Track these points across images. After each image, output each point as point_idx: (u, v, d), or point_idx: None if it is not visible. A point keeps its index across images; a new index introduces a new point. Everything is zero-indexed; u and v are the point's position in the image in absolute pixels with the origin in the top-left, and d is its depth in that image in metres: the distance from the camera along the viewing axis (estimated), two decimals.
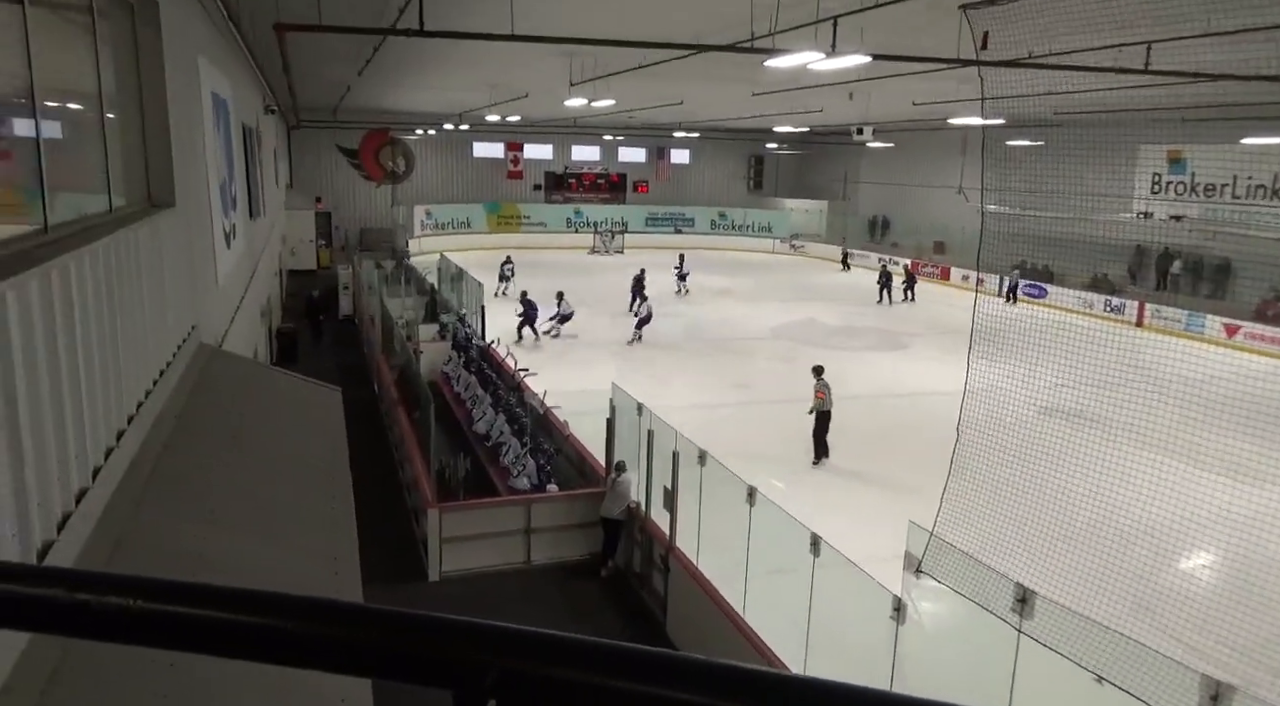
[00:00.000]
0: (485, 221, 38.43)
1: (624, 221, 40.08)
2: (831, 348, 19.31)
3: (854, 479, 11.95)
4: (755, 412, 14.66)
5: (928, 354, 19.32)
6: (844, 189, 41.10)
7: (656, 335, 20.55)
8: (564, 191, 41.08)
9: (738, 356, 18.72)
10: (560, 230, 39.23)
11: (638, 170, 42.29)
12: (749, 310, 24.20)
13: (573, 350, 18.74)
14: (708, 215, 41.40)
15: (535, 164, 40.42)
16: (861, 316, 23.76)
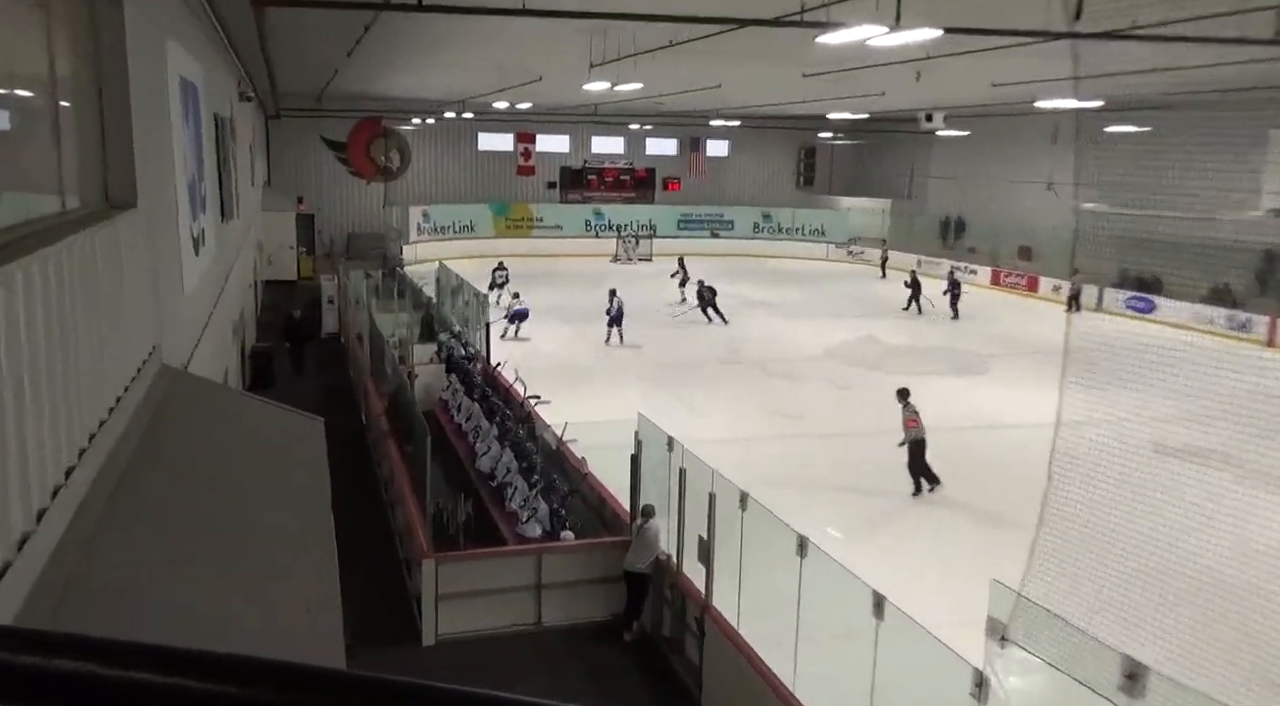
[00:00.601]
0: (491, 225, 38.86)
1: (652, 225, 40.32)
2: (895, 371, 19.21)
3: (925, 528, 11.82)
4: (805, 448, 14.59)
5: (1010, 378, 19.18)
6: (910, 185, 41.00)
7: (687, 356, 20.64)
8: (582, 190, 41.43)
9: (784, 381, 18.70)
10: (578, 234, 39.56)
11: (668, 165, 42.57)
12: (797, 327, 24.17)
13: (591, 375, 18.82)
14: (750, 217, 41.51)
15: (549, 158, 40.86)
16: (929, 334, 23.69)
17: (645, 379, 18.52)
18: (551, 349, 20.98)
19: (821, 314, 26.19)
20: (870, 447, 14.21)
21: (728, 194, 43.04)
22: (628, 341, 21.70)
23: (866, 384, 18.27)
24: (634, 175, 42.00)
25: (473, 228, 38.29)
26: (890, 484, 13.05)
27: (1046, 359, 17.99)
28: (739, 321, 24.81)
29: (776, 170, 43.92)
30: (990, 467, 13.81)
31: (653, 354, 20.81)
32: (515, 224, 39.37)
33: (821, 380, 18.80)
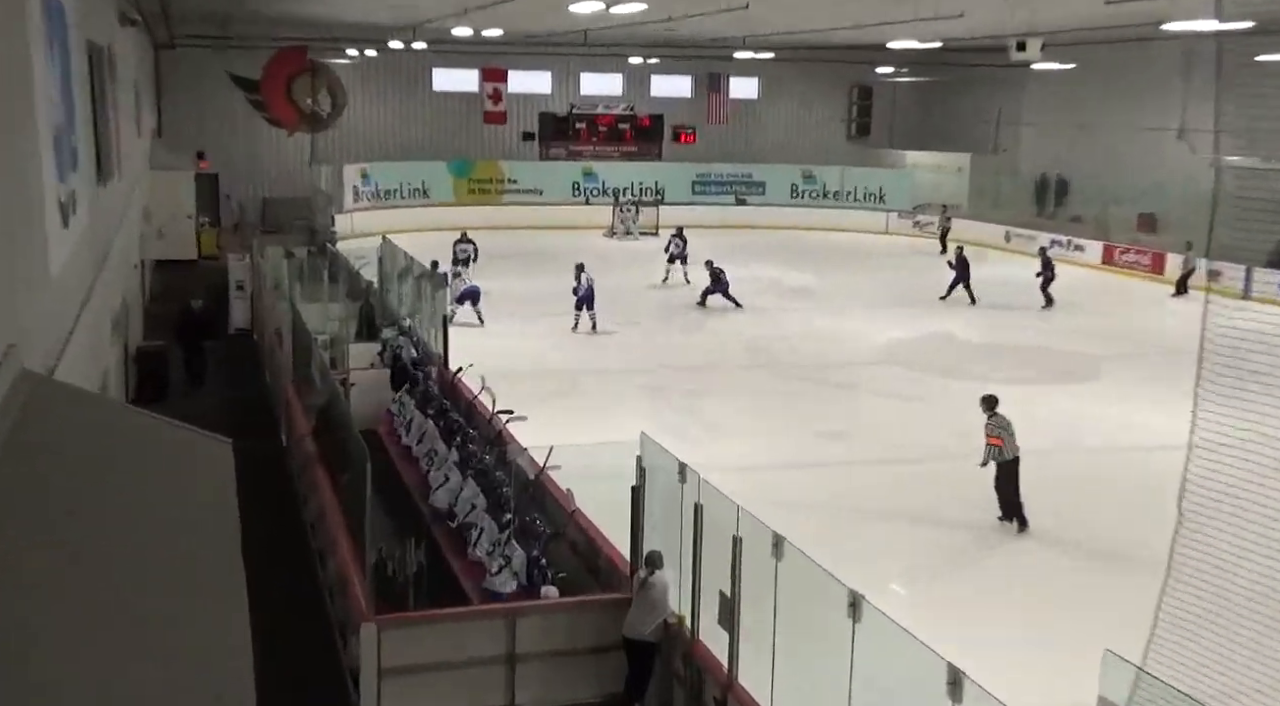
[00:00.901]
0: (451, 188, 38.95)
1: (659, 188, 40.44)
2: (975, 378, 19.19)
3: (1016, 578, 11.84)
4: (856, 477, 14.62)
5: (1127, 386, 19.23)
6: (995, 136, 41.06)
7: (704, 359, 20.75)
8: (569, 143, 41.52)
9: (828, 391, 18.75)
10: (563, 200, 39.66)
11: (680, 110, 42.66)
12: (846, 321, 24.20)
13: (580, 382, 18.86)
14: (786, 177, 41.62)
15: (526, 102, 40.98)
16: (1022, 330, 23.71)
17: (649, 388, 18.56)
18: (529, 349, 21.04)
19: (879, 303, 26.23)
20: (941, 477, 14.22)
21: (758, 148, 43.14)
22: (604, 328, 22.27)
23: (937, 394, 18.30)
24: (635, 124, 42.10)
25: (426, 192, 38.38)
26: (967, 519, 13.06)
27: (1175, 361, 17.94)
28: (771, 313, 24.86)
29: (821, 117, 44.04)
30: (1100, 500, 13.82)
31: (659, 355, 20.88)
32: (481, 187, 39.45)
33: (878, 389, 18.81)
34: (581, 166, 40.68)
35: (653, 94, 42.33)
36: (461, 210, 37.08)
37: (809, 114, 43.90)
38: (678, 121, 42.57)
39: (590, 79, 41.44)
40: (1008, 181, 38.92)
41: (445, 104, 39.96)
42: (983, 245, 35.41)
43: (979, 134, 41.60)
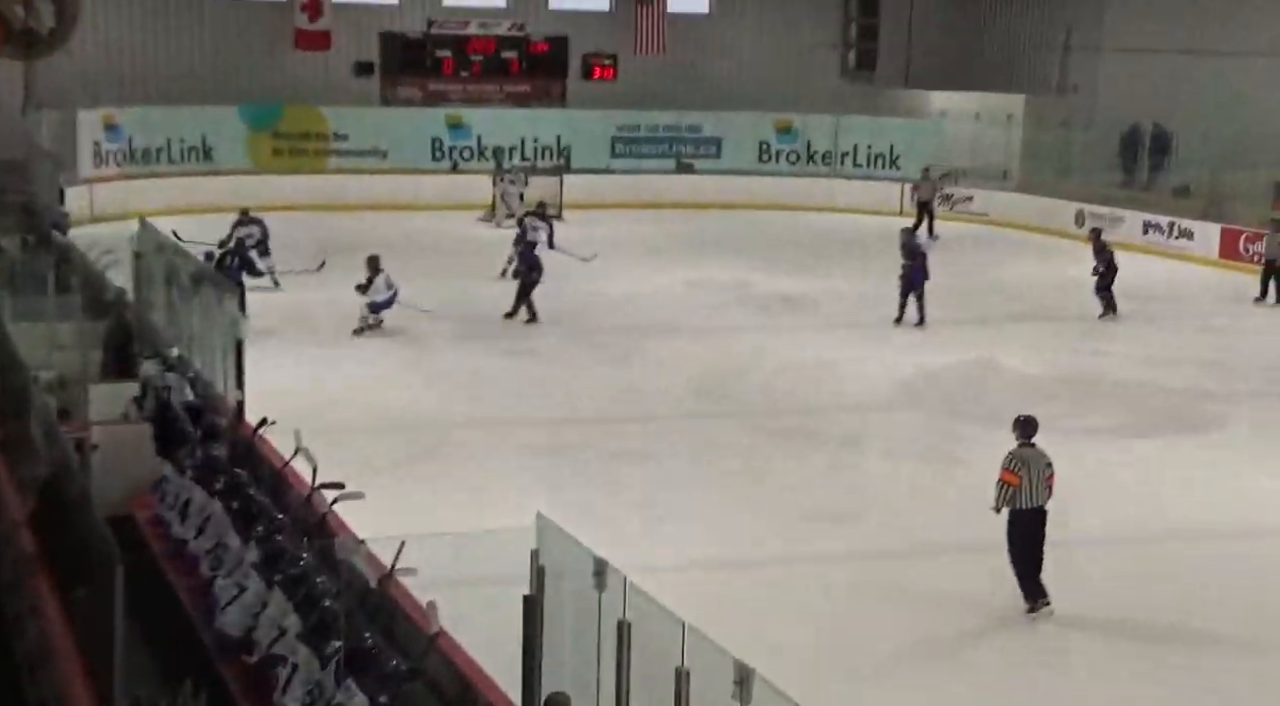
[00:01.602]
0: (245, 147, 38.92)
1: (562, 148, 40.66)
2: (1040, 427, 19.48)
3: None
4: (861, 582, 14.63)
5: (1263, 440, 19.43)
6: (1061, 69, 41.69)
7: (629, 402, 20.75)
8: (426, 79, 41.53)
9: (818, 450, 18.73)
10: (418, 166, 39.86)
11: (594, 30, 42.94)
12: (846, 343, 24.31)
13: (445, 439, 18.77)
14: (752, 131, 42.11)
15: (360, 16, 40.89)
16: (1099, 356, 23.99)
17: (552, 448, 18.47)
18: (369, 390, 20.95)
19: (886, 317, 26.44)
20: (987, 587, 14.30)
21: (710, 89, 43.45)
22: (483, 359, 22.39)
23: (981, 454, 18.32)
24: (527, 51, 42.24)
25: (208, 153, 38.28)
26: (1030, 650, 13.18)
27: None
28: (732, 336, 24.99)
29: (804, 42, 44.52)
30: (1230, 608, 13.93)
31: (567, 398, 20.84)
32: (293, 146, 39.40)
33: (893, 447, 18.89)
34: (445, 115, 40.85)
35: (552, 6, 42.60)
36: (262, 180, 36.94)
37: (786, 37, 44.36)
38: (590, 48, 42.83)
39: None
40: (1080, 136, 39.51)
41: (235, 18, 39.80)
42: (1038, 231, 36.01)
43: (1038, 66, 42.28)
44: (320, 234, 30.53)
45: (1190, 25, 37.00)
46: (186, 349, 17.78)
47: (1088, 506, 16.45)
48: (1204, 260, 32.47)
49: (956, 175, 39.85)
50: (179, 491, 14.52)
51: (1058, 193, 36.96)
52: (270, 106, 39.42)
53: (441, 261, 30.25)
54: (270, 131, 39.18)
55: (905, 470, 18.03)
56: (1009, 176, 39.54)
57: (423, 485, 16.48)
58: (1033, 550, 13.36)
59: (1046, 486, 13.33)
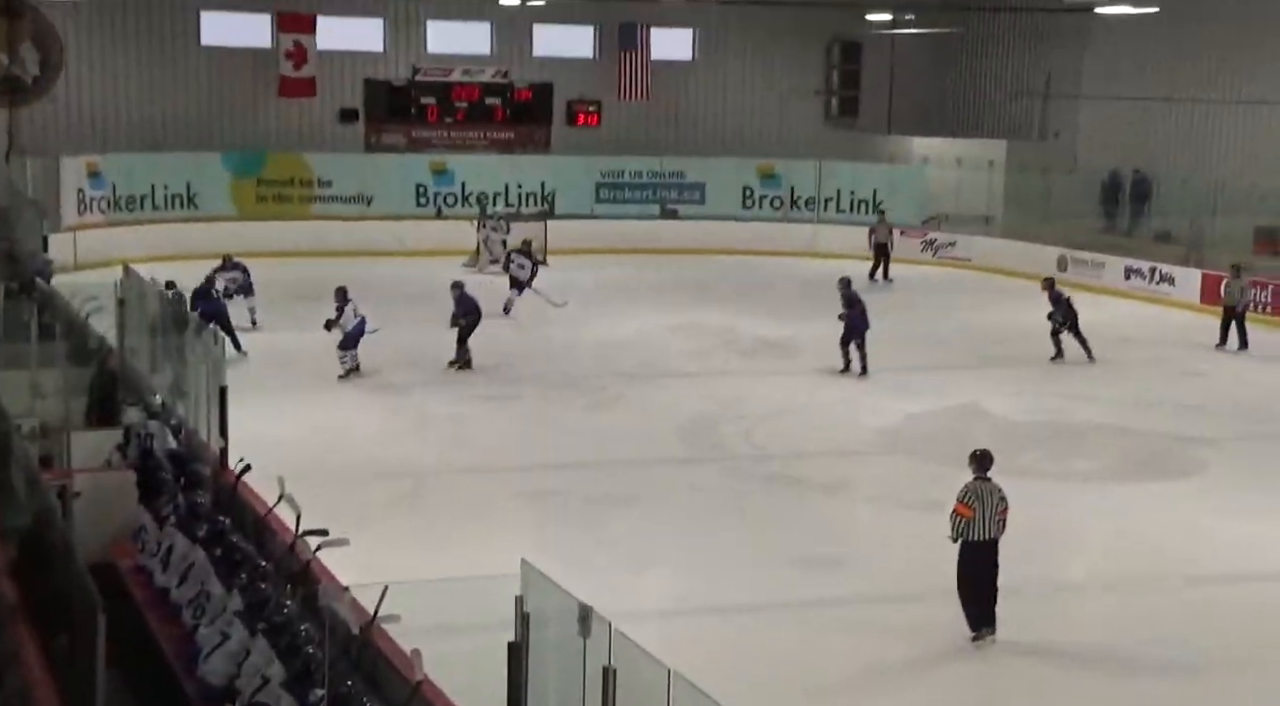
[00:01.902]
0: (229, 194, 38.88)
1: (547, 194, 40.79)
2: (1021, 472, 19.34)
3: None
4: (851, 629, 14.64)
5: (1242, 486, 19.45)
6: (1042, 115, 41.94)
7: (614, 447, 20.77)
8: (410, 126, 41.63)
9: (806, 497, 18.77)
10: (403, 212, 39.88)
11: (578, 77, 43.09)
12: (831, 390, 24.43)
13: (427, 483, 18.77)
14: (736, 176, 42.24)
15: (344, 63, 41.07)
16: (1083, 401, 24.09)
17: (536, 494, 18.48)
18: (354, 435, 20.98)
19: (879, 364, 26.41)
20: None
21: (693, 135, 43.72)
22: (459, 403, 22.64)
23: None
24: (511, 98, 42.36)
25: (192, 200, 38.23)
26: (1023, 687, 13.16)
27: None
28: (719, 381, 25.06)
29: (787, 88, 44.75)
30: (1209, 651, 13.94)
31: (551, 444, 20.83)
32: (277, 193, 39.40)
33: (881, 494, 18.93)
34: (429, 161, 40.87)
35: (536, 53, 42.74)
36: (245, 226, 36.95)
37: (769, 84, 44.58)
38: (574, 94, 42.98)
39: (442, 30, 41.81)
40: (1062, 181, 39.64)
41: (221, 66, 39.85)
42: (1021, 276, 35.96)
43: (1019, 112, 42.52)
44: (304, 281, 30.48)
45: (1168, 73, 37.25)
46: (170, 396, 17.77)
47: (1068, 551, 16.54)
48: (1186, 305, 32.56)
49: (939, 220, 40.02)
50: (161, 539, 14.49)
51: (1040, 238, 36.99)
52: (254, 153, 39.41)
53: (426, 308, 30.18)
54: (254, 178, 39.10)
55: (890, 515, 18.05)
56: (992, 222, 39.65)
57: (406, 531, 16.47)
58: (984, 580, 13.59)
59: (999, 520, 13.62)
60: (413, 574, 11.70)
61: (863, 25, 43.13)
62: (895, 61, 44.86)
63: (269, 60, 39.91)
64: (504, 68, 42.14)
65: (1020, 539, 15.99)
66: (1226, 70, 35.83)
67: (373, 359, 24.51)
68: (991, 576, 13.61)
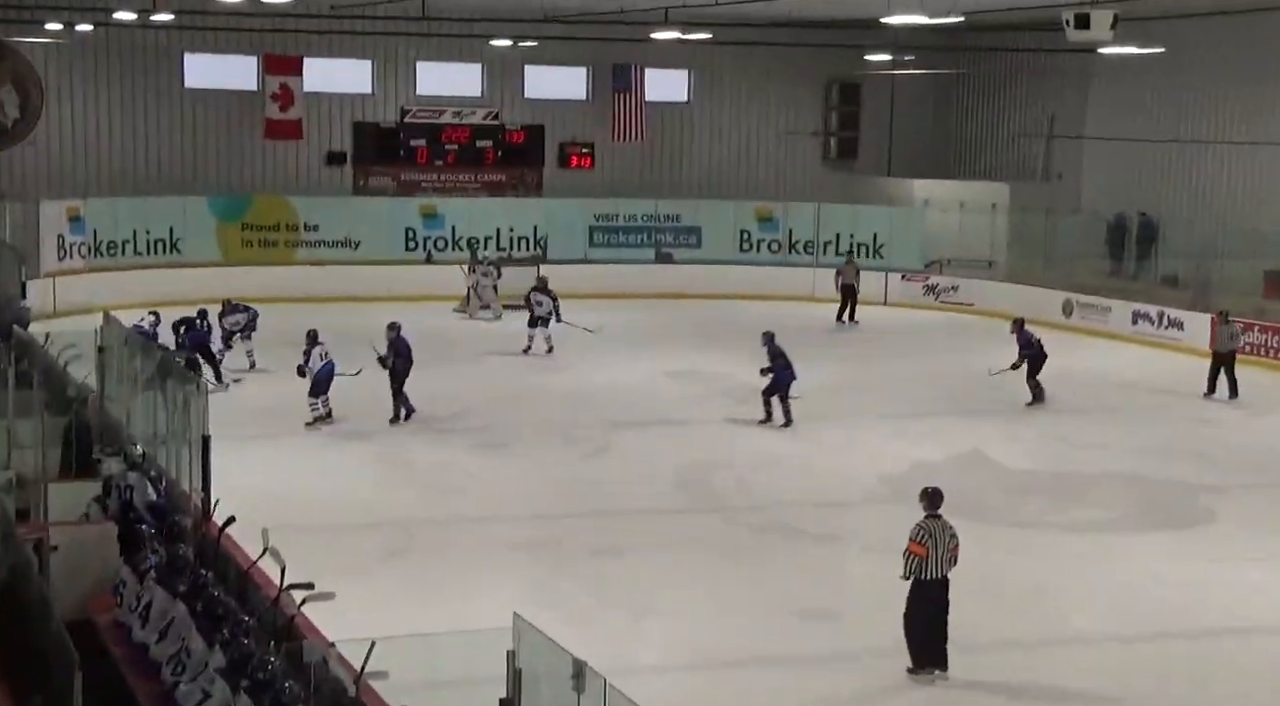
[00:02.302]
0: (215, 239, 38.91)
1: (539, 238, 40.85)
2: (1027, 523, 19.43)
3: None
4: (853, 684, 14.60)
5: (1254, 535, 19.46)
6: (1045, 157, 42.05)
7: (609, 497, 20.79)
8: (399, 169, 41.76)
9: (806, 547, 18.78)
10: (391, 257, 39.90)
11: (571, 119, 43.29)
12: (827, 437, 24.43)
13: (421, 538, 18.69)
14: (732, 220, 42.29)
15: (331, 106, 41.23)
16: (1090, 448, 24.07)
17: (530, 545, 18.41)
18: (339, 485, 20.95)
19: (880, 411, 26.54)
20: (987, 683, 14.27)
21: (688, 177, 43.88)
22: (454, 450, 22.68)
23: (972, 551, 18.35)
24: (502, 140, 42.51)
25: (175, 245, 38.23)
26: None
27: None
28: (716, 429, 25.05)
29: (785, 129, 44.93)
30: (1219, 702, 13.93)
31: (546, 494, 20.82)
32: (263, 238, 39.38)
33: (883, 544, 18.65)
34: (419, 205, 40.89)
35: (528, 94, 42.90)
36: (231, 272, 36.88)
37: (766, 125, 44.77)
38: (567, 136, 43.15)
39: (432, 71, 41.95)
40: (1066, 224, 39.69)
41: (205, 109, 39.97)
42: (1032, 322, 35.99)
43: (1021, 154, 42.63)
44: (290, 328, 30.34)
45: (1173, 113, 37.36)
46: (151, 446, 17.70)
47: (1072, 602, 16.45)
48: (1194, 350, 32.41)
49: (941, 264, 40.03)
50: (141, 594, 14.39)
51: (1044, 282, 37.01)
52: (239, 197, 39.46)
53: (416, 355, 30.17)
54: (239, 223, 39.05)
55: (889, 566, 17.85)
56: (994, 265, 39.69)
57: (395, 584, 16.41)
58: (936, 618, 13.94)
59: (951, 557, 13.98)
60: (401, 628, 11.63)
61: (861, 65, 43.03)
62: (895, 102, 45.03)
63: (255, 102, 40.02)
64: (495, 109, 42.27)
65: (1023, 590, 15.93)
66: (1232, 111, 35.91)
67: (363, 406, 24.47)
68: (943, 614, 13.97)
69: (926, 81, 44.11)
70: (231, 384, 26.82)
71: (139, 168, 39.20)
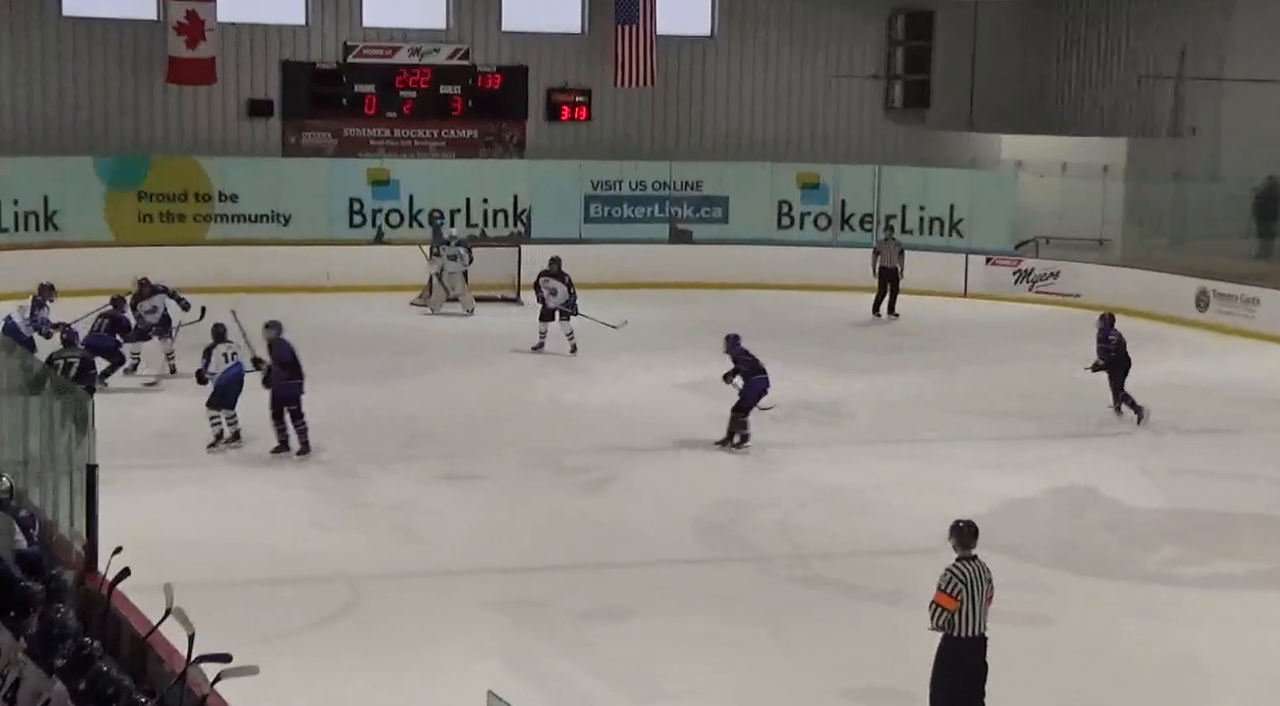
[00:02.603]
0: (102, 211, 39.17)
1: (521, 209, 41.08)
2: (1149, 577, 19.41)
3: None
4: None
5: None
6: (1174, 106, 41.95)
7: (610, 546, 20.81)
8: (341, 122, 41.93)
9: (863, 609, 18.76)
10: (332, 237, 40.17)
11: (561, 58, 43.47)
12: (895, 468, 24.39)
13: (370, 596, 18.68)
14: (770, 187, 42.39)
15: (250, 40, 41.36)
16: (1236, 482, 23.96)
17: (508, 605, 18.37)
18: (267, 525, 20.94)
19: (953, 432, 26.62)
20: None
21: (713, 132, 43.95)
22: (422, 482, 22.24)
23: (1080, 614, 18.38)
24: (474, 85, 42.66)
25: (52, 221, 38.52)
26: None
27: None
28: (748, 455, 25.14)
29: (835, 71, 45.01)
30: None
31: (529, 541, 20.84)
32: (166, 210, 39.66)
33: None
34: (367, 168, 41.04)
35: (506, 27, 43.05)
36: (123, 253, 36.79)
37: (811, 66, 44.87)
38: (556, 81, 43.31)
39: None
40: (1201, 191, 39.69)
41: (89, 44, 40.14)
42: (1146, 316, 35.88)
43: (1142, 102, 42.59)
44: (203, 326, 30.39)
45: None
46: (20, 478, 17.68)
47: (1215, 678, 16.36)
48: None
49: (1037, 244, 39.98)
50: (5, 670, 14.38)
51: (1171, 267, 37.11)
52: (134, 159, 39.64)
53: (361, 361, 30.16)
54: (134, 191, 39.28)
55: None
56: (1106, 246, 39.61)
57: (338, 655, 16.34)
58: (972, 684, 13.75)
59: (986, 606, 13.81)
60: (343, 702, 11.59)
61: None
62: (978, 34, 45.03)
63: (154, 36, 40.09)
64: (464, 46, 42.40)
65: (1153, 663, 15.86)
66: None
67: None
68: (980, 679, 13.80)
69: (1020, 9, 44.18)
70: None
71: (3, 119, 39.34)
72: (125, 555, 14.10)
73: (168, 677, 12.87)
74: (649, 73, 42.58)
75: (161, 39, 39.77)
